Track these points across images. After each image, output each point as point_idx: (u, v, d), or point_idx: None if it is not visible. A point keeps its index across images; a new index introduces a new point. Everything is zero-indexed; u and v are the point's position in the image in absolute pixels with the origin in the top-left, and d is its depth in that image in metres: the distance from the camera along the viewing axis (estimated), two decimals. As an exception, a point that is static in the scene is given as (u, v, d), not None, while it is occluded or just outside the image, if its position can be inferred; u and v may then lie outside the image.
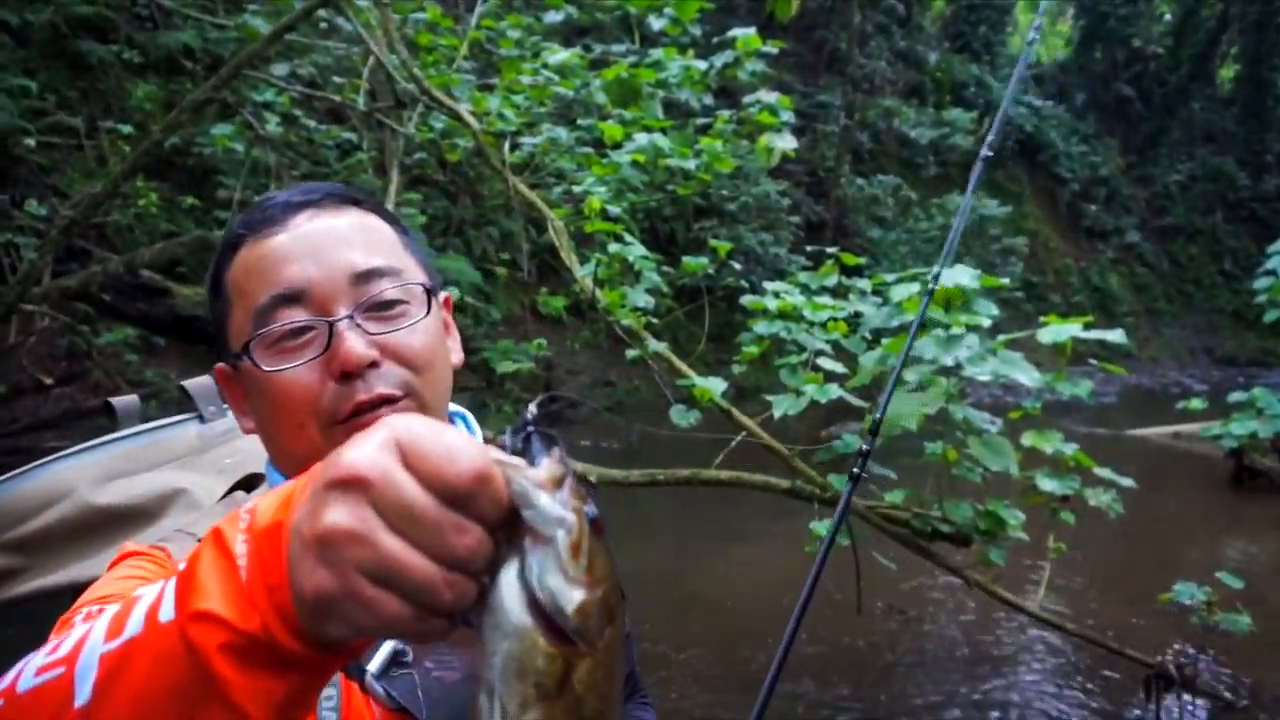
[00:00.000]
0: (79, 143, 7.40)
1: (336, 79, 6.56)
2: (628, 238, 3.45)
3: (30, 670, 0.48)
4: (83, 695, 0.44)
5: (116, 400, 1.14)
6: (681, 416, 3.25)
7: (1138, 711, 3.61)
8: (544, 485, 0.42)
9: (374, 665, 0.72)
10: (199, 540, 0.73)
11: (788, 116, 4.25)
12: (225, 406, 1.11)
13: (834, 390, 3.07)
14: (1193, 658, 3.52)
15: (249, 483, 0.92)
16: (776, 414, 3.13)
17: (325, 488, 0.42)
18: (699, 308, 5.20)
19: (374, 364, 0.74)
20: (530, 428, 0.46)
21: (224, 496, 0.94)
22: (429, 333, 0.79)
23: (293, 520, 0.43)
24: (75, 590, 0.90)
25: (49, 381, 5.92)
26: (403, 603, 0.41)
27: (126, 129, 6.86)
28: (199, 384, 1.12)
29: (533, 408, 0.47)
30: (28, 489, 1.04)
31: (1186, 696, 3.55)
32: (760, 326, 3.40)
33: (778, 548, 5.33)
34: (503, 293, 9.95)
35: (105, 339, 6.33)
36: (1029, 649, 4.27)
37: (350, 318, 0.74)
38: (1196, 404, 7.88)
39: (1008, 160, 20.29)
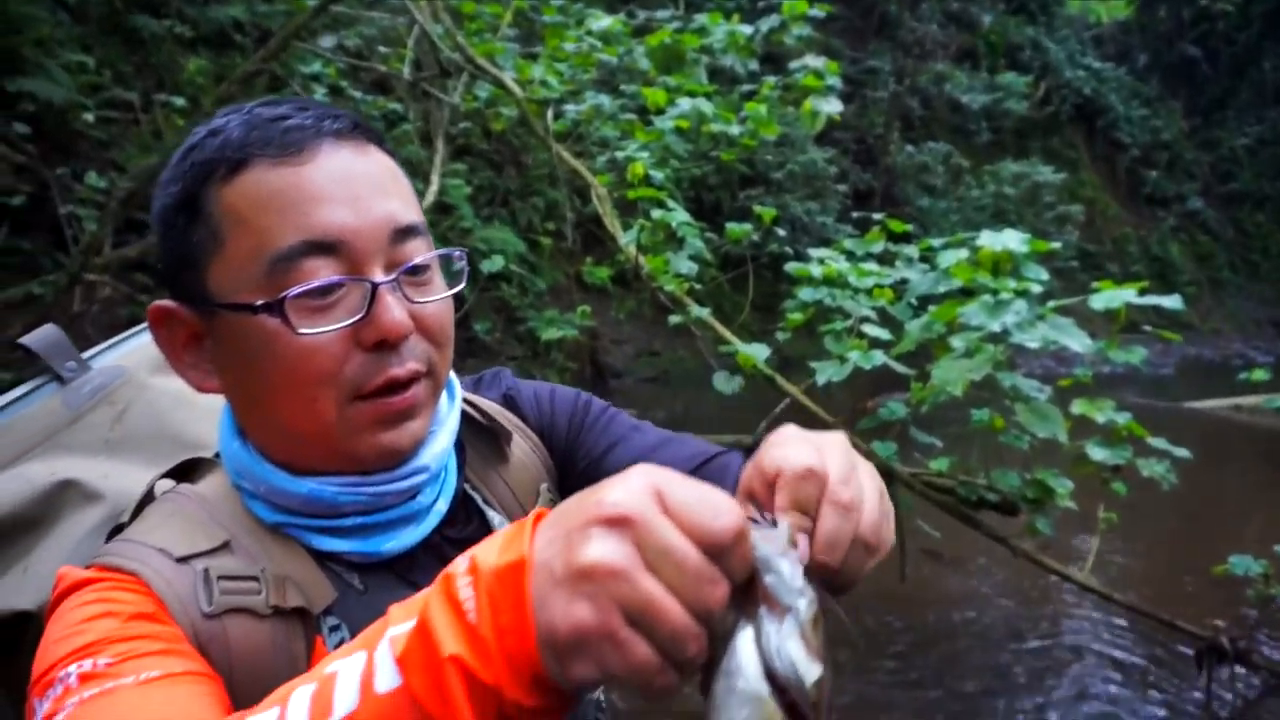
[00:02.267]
0: (135, 117, 7.58)
1: (382, 49, 6.61)
2: (671, 204, 3.44)
3: None
4: None
5: None
6: (724, 383, 3.25)
7: (1188, 684, 3.55)
8: (787, 554, 0.43)
9: None
10: (150, 547, 0.65)
11: (835, 82, 4.18)
12: (87, 359, 0.93)
13: (878, 357, 3.04)
14: (1247, 631, 3.44)
15: (185, 469, 0.76)
16: (820, 381, 3.11)
17: (586, 525, 0.41)
18: (743, 277, 5.17)
19: (408, 336, 0.68)
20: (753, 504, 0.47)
21: (154, 486, 0.75)
22: (450, 306, 0.73)
23: (539, 557, 0.42)
24: None
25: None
26: (652, 649, 0.40)
27: (180, 101, 7.00)
28: (43, 337, 0.91)
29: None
30: None
31: (1240, 670, 3.48)
32: (805, 293, 3.38)
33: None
34: (548, 263, 9.99)
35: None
36: (1076, 621, 4.21)
37: (395, 281, 0.67)
38: (1260, 374, 7.62)
39: (1064, 125, 19.68)
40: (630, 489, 0.42)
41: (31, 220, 5.89)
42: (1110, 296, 2.88)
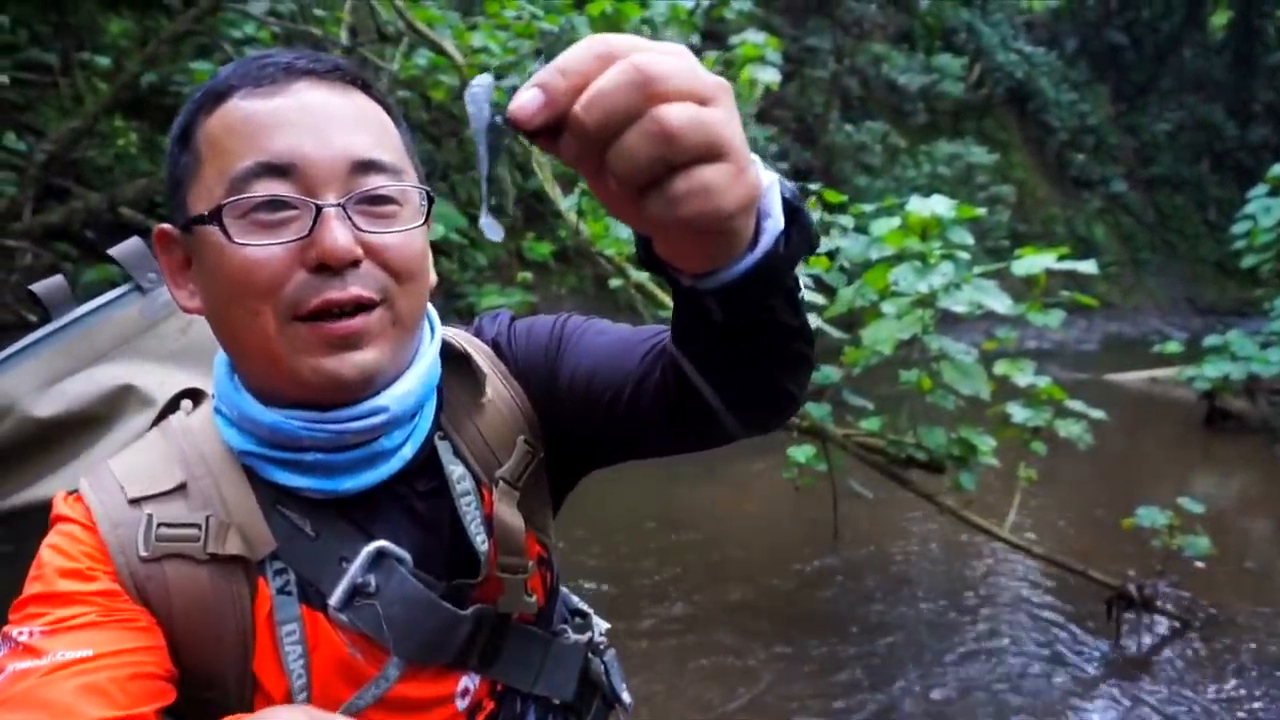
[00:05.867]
0: (53, 79, 7.27)
1: (318, 13, 6.45)
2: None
3: None
4: None
5: (39, 286, 0.97)
6: (664, 347, 3.31)
7: (1100, 631, 3.76)
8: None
9: (335, 599, 0.72)
10: (116, 481, 0.72)
11: (774, 57, 4.24)
12: None
13: (811, 321, 3.13)
14: (1153, 581, 3.66)
15: (195, 393, 0.82)
16: (757, 344, 3.19)
17: None
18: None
19: (356, 262, 0.68)
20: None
21: (162, 414, 0.81)
22: (417, 242, 0.72)
23: None
24: (45, 508, 0.81)
25: (34, 318, 5.90)
26: None
27: (104, 62, 6.74)
28: (129, 249, 0.97)
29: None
30: None
31: (1145, 616, 3.71)
32: (742, 260, 3.44)
33: (758, 481, 5.47)
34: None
35: (89, 277, 6.30)
36: (994, 575, 4.41)
37: (341, 206, 0.67)
38: (1174, 347, 8.02)
39: (996, 108, 20.17)
40: None
41: (-56, 185, 5.64)
42: (1031, 262, 3.02)
